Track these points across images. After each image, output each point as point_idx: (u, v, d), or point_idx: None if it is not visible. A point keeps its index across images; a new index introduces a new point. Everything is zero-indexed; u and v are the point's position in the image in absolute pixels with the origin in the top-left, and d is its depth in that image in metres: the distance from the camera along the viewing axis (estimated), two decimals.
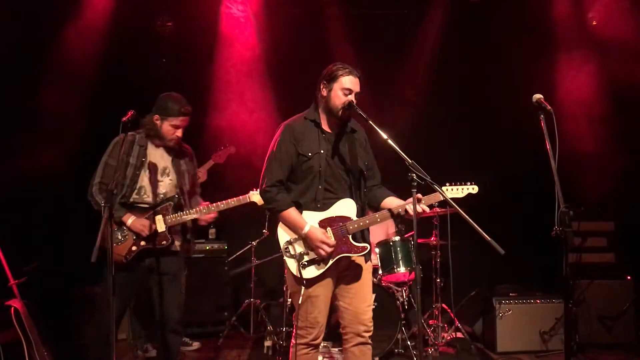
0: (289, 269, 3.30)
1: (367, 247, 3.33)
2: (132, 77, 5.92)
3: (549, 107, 3.08)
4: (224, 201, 4.05)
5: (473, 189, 3.45)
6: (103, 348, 3.78)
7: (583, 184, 5.95)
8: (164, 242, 3.86)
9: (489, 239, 2.91)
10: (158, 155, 3.91)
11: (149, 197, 3.86)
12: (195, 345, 5.47)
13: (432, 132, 6.38)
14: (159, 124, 3.83)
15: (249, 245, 5.54)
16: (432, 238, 5.36)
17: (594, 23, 6.12)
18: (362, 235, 3.39)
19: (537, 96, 3.17)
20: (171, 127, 3.83)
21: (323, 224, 3.28)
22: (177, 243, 3.94)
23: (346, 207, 3.32)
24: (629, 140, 6.11)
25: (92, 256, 3.00)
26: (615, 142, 6.17)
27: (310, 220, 3.27)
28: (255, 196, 4.23)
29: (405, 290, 5.10)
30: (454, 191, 3.41)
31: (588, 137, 6.22)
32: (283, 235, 3.33)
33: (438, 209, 5.06)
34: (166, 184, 3.91)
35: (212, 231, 6.16)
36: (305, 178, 3.32)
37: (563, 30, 6.30)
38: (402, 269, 4.94)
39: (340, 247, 3.26)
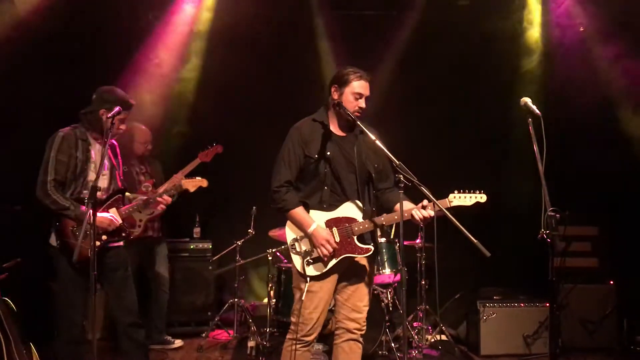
0: (293, 265, 3.36)
1: (371, 249, 3.38)
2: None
3: (537, 111, 3.10)
4: (161, 187, 4.20)
5: (481, 197, 3.41)
6: (76, 348, 3.76)
7: (568, 188, 6.00)
8: (123, 234, 3.91)
9: (475, 241, 2.91)
10: (97, 149, 3.89)
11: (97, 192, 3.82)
12: (178, 343, 5.42)
13: (417, 135, 6.37)
14: (104, 119, 3.80)
15: (234, 245, 5.50)
16: (418, 240, 5.36)
17: (582, 29, 6.19)
18: (370, 236, 3.45)
19: (525, 100, 3.19)
20: (118, 122, 3.80)
21: (329, 223, 3.34)
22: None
23: (353, 209, 3.37)
24: (615, 146, 6.18)
25: (75, 255, 2.95)
26: (601, 148, 6.23)
27: (317, 219, 3.33)
28: (187, 183, 4.36)
29: (390, 292, 5.09)
30: (462, 199, 3.37)
31: (575, 142, 6.28)
32: (290, 232, 3.40)
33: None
34: (107, 178, 3.93)
35: (196, 230, 6.13)
36: (312, 180, 3.38)
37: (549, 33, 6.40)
38: (387, 271, 4.94)
39: (345, 247, 3.32)
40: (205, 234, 6.16)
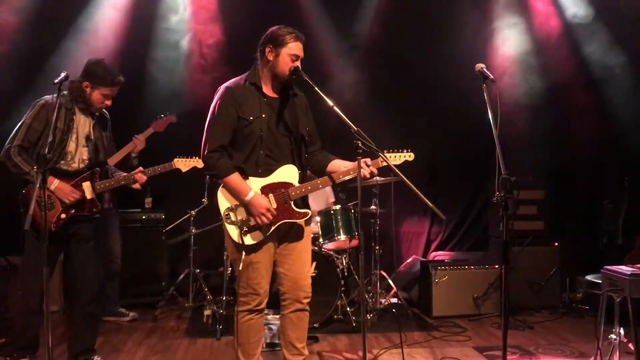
0: (229, 235, 3.27)
1: (308, 213, 3.34)
2: None
3: (492, 77, 3.13)
4: (150, 168, 4.10)
5: (409, 156, 3.53)
6: (30, 318, 3.70)
7: (514, 154, 6.18)
8: (94, 210, 3.82)
9: (431, 205, 2.96)
10: (82, 121, 3.80)
11: (75, 163, 3.77)
12: (132, 315, 5.35)
13: (373, 101, 6.38)
14: (88, 92, 3.72)
15: (188, 215, 5.43)
16: (372, 206, 5.40)
17: None
18: (303, 201, 3.39)
19: (480, 65, 3.21)
20: (101, 96, 3.74)
21: (265, 190, 3.26)
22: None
23: (288, 173, 3.31)
24: (560, 111, 6.40)
25: (25, 223, 2.85)
26: (546, 114, 6.43)
27: (253, 186, 3.24)
28: (179, 163, 4.32)
29: (345, 258, 5.15)
30: (391, 158, 3.46)
31: (522, 108, 6.46)
32: (224, 201, 3.28)
33: (379, 178, 5.10)
34: (90, 150, 3.82)
35: (148, 200, 6.00)
36: (247, 143, 3.26)
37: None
38: (342, 237, 4.96)
39: (282, 213, 3.27)
40: (157, 204, 6.05)
